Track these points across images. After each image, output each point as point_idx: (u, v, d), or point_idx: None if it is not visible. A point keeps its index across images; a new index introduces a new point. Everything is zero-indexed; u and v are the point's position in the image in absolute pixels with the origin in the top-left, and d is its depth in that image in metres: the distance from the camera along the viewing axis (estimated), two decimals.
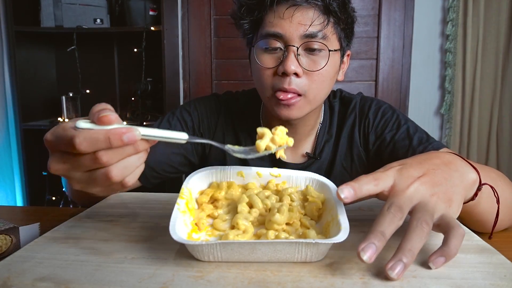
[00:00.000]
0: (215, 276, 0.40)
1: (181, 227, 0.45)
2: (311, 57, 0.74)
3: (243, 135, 0.90)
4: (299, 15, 0.72)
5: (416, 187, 0.44)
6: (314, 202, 0.52)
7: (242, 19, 0.78)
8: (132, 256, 0.44)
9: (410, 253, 0.39)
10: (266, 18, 0.75)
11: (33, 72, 2.09)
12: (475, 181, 0.51)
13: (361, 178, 0.45)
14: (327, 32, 0.74)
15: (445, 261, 0.41)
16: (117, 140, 0.40)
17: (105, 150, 0.40)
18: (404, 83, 2.13)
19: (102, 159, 0.40)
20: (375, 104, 0.89)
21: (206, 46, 2.18)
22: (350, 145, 0.88)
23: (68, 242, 0.48)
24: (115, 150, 0.41)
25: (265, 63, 0.75)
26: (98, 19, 1.98)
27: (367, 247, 0.39)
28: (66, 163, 0.42)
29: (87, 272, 0.40)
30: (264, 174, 0.58)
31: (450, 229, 0.42)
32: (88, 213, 0.60)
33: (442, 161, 0.49)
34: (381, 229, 0.40)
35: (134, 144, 0.42)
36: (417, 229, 0.41)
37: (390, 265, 0.39)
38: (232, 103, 0.93)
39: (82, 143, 0.39)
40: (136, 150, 0.42)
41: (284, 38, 0.73)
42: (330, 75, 0.77)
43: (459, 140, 2.07)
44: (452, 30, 2.02)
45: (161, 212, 0.60)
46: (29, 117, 2.05)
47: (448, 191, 0.46)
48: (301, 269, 0.41)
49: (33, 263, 0.43)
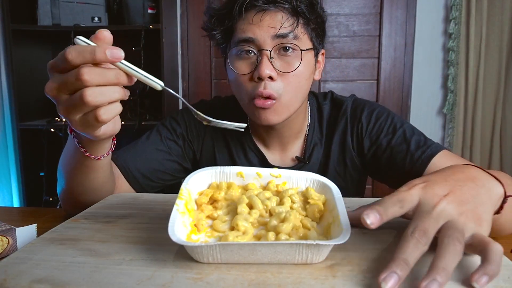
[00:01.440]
0: (215, 278, 0.40)
1: (180, 228, 0.44)
2: (284, 58, 0.76)
3: (232, 140, 0.91)
4: (268, 19, 0.74)
5: (443, 207, 0.42)
6: (315, 205, 0.51)
7: (214, 29, 0.81)
8: (131, 257, 0.44)
9: (445, 272, 0.37)
10: (237, 25, 0.77)
11: (30, 71, 2.09)
12: (502, 195, 0.48)
13: (385, 201, 0.43)
14: (298, 32, 0.76)
15: (489, 280, 0.37)
16: (101, 53, 0.44)
17: (88, 68, 0.44)
18: (406, 82, 2.13)
19: (83, 76, 0.43)
20: (368, 107, 0.88)
21: (206, 45, 2.18)
22: (342, 150, 0.88)
23: (66, 243, 0.48)
24: (97, 70, 0.44)
25: (240, 69, 0.77)
26: (96, 17, 1.98)
27: (388, 276, 0.36)
28: (56, 82, 0.46)
29: (84, 274, 0.40)
30: (264, 175, 0.58)
31: (487, 245, 0.39)
32: (86, 214, 0.60)
33: (467, 176, 0.47)
34: (404, 256, 0.38)
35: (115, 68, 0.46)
36: (450, 246, 0.38)
37: (424, 284, 0.36)
38: (219, 109, 0.94)
39: (70, 52, 0.44)
40: (117, 78, 0.46)
41: (256, 43, 0.75)
42: (305, 76, 0.78)
43: (461, 140, 2.07)
44: (455, 28, 2.02)
45: (160, 213, 0.60)
46: (26, 117, 2.05)
47: (477, 210, 0.43)
48: (302, 271, 0.41)
49: (30, 264, 0.42)
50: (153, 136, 0.89)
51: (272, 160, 0.90)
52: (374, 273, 0.41)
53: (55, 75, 0.47)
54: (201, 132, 0.92)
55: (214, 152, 0.92)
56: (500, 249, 0.39)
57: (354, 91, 0.96)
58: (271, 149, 0.90)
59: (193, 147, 0.92)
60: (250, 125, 0.91)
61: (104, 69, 0.45)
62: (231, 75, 0.81)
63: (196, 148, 0.92)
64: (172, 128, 0.91)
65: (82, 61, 0.44)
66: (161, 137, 0.89)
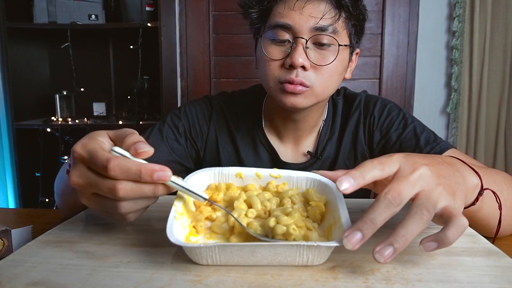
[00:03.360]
0: (214, 280, 0.40)
1: (178, 229, 0.44)
2: (320, 51, 0.74)
3: (240, 135, 0.90)
4: (310, 7, 0.72)
5: (421, 172, 0.43)
6: (317, 206, 0.51)
7: (251, 7, 0.78)
8: (128, 260, 0.44)
9: (403, 239, 0.38)
10: (276, 8, 0.75)
11: (26, 69, 2.09)
12: (477, 186, 0.50)
13: (365, 164, 0.44)
14: (338, 26, 0.74)
15: (437, 247, 0.40)
16: (147, 175, 0.42)
17: (125, 184, 0.42)
18: (409, 81, 2.13)
19: (119, 193, 0.42)
20: (380, 102, 0.89)
21: (205, 43, 2.18)
22: (354, 143, 0.89)
23: (62, 245, 0.48)
24: (134, 187, 0.43)
25: (272, 54, 0.75)
26: (93, 15, 1.98)
27: (352, 234, 0.38)
28: (87, 181, 0.44)
29: (81, 276, 0.40)
30: (263, 175, 0.58)
31: (452, 218, 0.40)
32: (83, 216, 0.60)
33: (445, 161, 0.49)
34: (372, 216, 0.39)
35: (156, 186, 0.44)
36: (416, 215, 0.40)
37: (379, 248, 0.38)
38: (226, 104, 0.93)
39: (115, 168, 0.41)
40: (153, 193, 0.44)
41: (293, 30, 0.73)
42: (338, 71, 0.77)
43: (465, 140, 2.07)
44: (459, 26, 2.02)
45: (157, 214, 0.60)
46: (22, 116, 2.05)
47: (453, 185, 0.45)
48: (303, 272, 0.41)
49: (26, 267, 0.43)
50: (153, 136, 0.87)
51: (284, 155, 0.89)
52: (376, 275, 0.41)
53: (83, 170, 0.44)
54: (204, 128, 0.91)
55: (218, 149, 0.91)
56: (463, 225, 0.40)
57: (356, 90, 0.97)
58: (284, 143, 0.90)
59: (196, 145, 0.90)
60: (264, 118, 0.90)
61: (141, 186, 0.43)
62: (261, 56, 0.78)
63: (199, 146, 0.91)
64: (174, 125, 0.89)
65: (125, 178, 0.42)
66: (162, 136, 0.87)
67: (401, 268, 0.42)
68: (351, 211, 0.48)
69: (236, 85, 1.90)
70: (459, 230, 0.40)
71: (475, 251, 0.47)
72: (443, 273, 0.41)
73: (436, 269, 0.42)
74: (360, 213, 0.60)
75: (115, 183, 0.42)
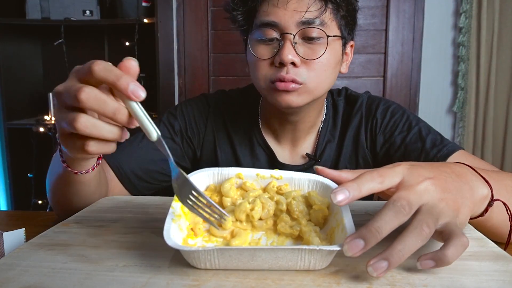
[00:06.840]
0: (213, 285, 0.40)
1: (176, 232, 0.45)
2: (309, 45, 0.75)
3: (237, 135, 0.91)
4: (295, 2, 0.73)
5: (426, 185, 0.43)
6: (320, 210, 0.52)
7: (235, 9, 0.79)
8: (124, 263, 0.44)
9: (399, 254, 0.38)
10: (260, 7, 0.76)
11: (18, 67, 2.09)
12: (486, 197, 0.50)
13: (363, 175, 0.43)
14: (325, 18, 0.74)
15: (434, 265, 0.40)
16: (125, 83, 0.42)
17: (90, 88, 0.43)
18: (414, 79, 2.13)
19: (80, 94, 0.42)
20: (383, 104, 0.89)
21: (203, 40, 2.18)
22: (355, 147, 0.88)
23: (56, 249, 0.48)
24: (98, 95, 0.43)
25: (260, 54, 0.76)
26: (87, 11, 1.98)
27: (354, 243, 0.38)
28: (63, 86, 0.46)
29: (75, 280, 0.40)
30: (264, 176, 0.58)
31: (452, 236, 0.40)
32: (77, 218, 0.60)
33: (453, 171, 0.48)
34: (378, 224, 0.39)
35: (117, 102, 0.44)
36: (415, 231, 0.39)
37: (373, 262, 0.38)
38: (224, 103, 0.93)
39: (99, 64, 0.43)
40: (113, 113, 0.44)
41: (280, 27, 0.74)
42: (331, 64, 0.77)
43: (473, 140, 2.07)
44: (466, 22, 2.02)
45: (154, 216, 0.60)
46: (14, 115, 2.05)
47: (457, 201, 0.45)
48: (304, 277, 0.41)
49: (18, 271, 0.43)
50: None
51: (282, 156, 0.89)
52: (380, 279, 0.41)
53: (72, 80, 0.46)
54: (201, 127, 0.92)
55: (215, 149, 0.91)
56: (464, 244, 0.40)
57: (359, 89, 0.96)
58: (281, 144, 0.90)
59: (192, 145, 0.91)
60: (261, 119, 0.90)
61: (106, 98, 0.44)
62: (250, 58, 0.79)
63: (196, 146, 0.91)
64: (170, 124, 0.90)
65: (103, 78, 0.43)
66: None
67: (406, 273, 0.42)
68: (355, 214, 0.48)
69: (235, 83, 1.90)
70: (459, 250, 0.40)
71: (483, 255, 0.47)
72: (449, 278, 0.41)
73: (442, 274, 0.42)
74: (364, 215, 0.60)
75: (80, 85, 0.43)
